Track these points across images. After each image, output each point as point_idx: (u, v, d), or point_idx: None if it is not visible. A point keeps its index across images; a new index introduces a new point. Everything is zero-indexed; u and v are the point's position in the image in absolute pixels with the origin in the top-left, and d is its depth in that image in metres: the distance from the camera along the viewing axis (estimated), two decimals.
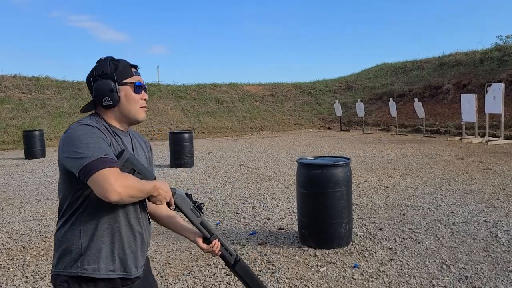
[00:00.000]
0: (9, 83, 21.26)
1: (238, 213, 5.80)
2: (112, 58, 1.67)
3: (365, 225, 5.06)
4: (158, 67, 42.66)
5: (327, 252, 4.17)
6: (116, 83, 1.62)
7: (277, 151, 13.25)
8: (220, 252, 1.85)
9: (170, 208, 1.69)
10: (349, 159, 4.44)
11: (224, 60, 77.92)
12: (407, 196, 6.47)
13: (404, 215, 5.43)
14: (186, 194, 1.74)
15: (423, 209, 5.65)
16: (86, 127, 1.53)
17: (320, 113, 24.88)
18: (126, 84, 1.64)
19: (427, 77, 22.75)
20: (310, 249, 4.28)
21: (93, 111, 1.69)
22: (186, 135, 10.45)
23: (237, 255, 1.91)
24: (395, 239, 4.53)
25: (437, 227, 4.86)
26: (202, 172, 9.38)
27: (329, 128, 22.41)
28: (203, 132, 21.52)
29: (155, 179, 1.61)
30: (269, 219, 5.47)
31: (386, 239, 4.53)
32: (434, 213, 5.46)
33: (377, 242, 4.44)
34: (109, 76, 1.61)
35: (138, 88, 1.68)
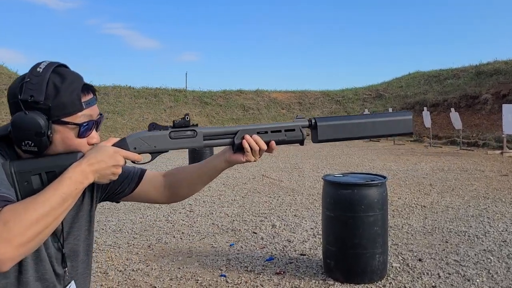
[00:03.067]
0: None
1: (256, 233, 5.17)
2: (56, 70, 1.03)
3: (401, 253, 4.34)
4: (186, 73, 42.83)
5: None
6: (50, 121, 1.01)
7: (303, 161, 12.57)
8: (271, 141, 1.20)
9: (138, 163, 1.14)
10: (385, 177, 3.76)
11: (251, 67, 77.86)
12: (448, 218, 5.70)
13: (447, 242, 4.68)
14: (151, 125, 1.15)
15: (469, 236, 4.88)
16: None
17: None
18: (66, 123, 1.03)
19: (463, 86, 21.64)
20: (336, 283, 3.61)
21: (4, 134, 1.06)
22: None
23: (309, 120, 1.24)
24: (438, 273, 3.80)
25: (489, 260, 4.10)
26: (221, 183, 8.80)
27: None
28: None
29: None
30: (289, 241, 4.81)
31: (427, 273, 3.81)
32: (482, 241, 4.68)
33: (417, 277, 3.73)
34: (41, 107, 0.99)
35: (85, 129, 1.06)
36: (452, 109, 16.38)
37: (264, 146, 1.18)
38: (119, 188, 1.26)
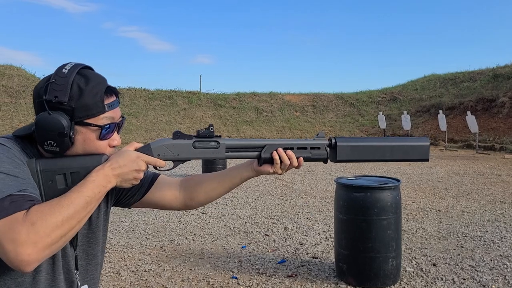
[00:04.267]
0: None
1: (268, 235, 5.16)
2: (80, 72, 1.04)
3: (415, 258, 4.28)
4: (200, 76, 43.06)
5: None
6: (73, 122, 1.01)
7: (316, 164, 12.51)
8: (300, 158, 1.22)
9: (160, 170, 1.14)
10: (398, 180, 3.71)
11: (264, 69, 77.86)
12: (464, 223, 5.61)
13: (462, 247, 4.60)
14: (175, 133, 1.16)
15: (484, 241, 4.80)
16: None
17: (363, 125, 23.85)
18: (89, 125, 1.04)
19: (479, 89, 21.31)
20: (348, 287, 3.57)
21: (28, 133, 1.07)
22: None
23: (329, 139, 1.26)
24: (453, 279, 3.74)
25: (505, 266, 4.02)
26: None
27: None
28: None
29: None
30: (302, 244, 4.79)
31: (441, 278, 3.75)
32: (499, 246, 4.60)
33: (431, 282, 3.67)
34: (64, 108, 1.00)
35: (107, 131, 1.07)
36: (468, 112, 16.15)
37: (296, 163, 1.21)
38: (130, 192, 1.26)
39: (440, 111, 17.79)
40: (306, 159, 1.23)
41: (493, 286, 3.58)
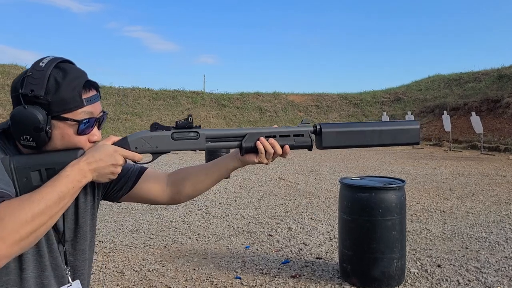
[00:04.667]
0: None
1: (271, 235, 5.15)
2: (58, 65, 1.01)
3: (419, 259, 4.26)
4: (204, 76, 43.09)
5: None
6: (49, 117, 0.99)
7: (319, 164, 12.49)
8: (285, 146, 1.18)
9: (139, 163, 1.12)
10: (403, 181, 3.69)
11: (268, 69, 77.83)
12: (469, 224, 5.58)
13: (467, 248, 4.58)
14: (153, 125, 1.13)
15: (489, 242, 4.77)
16: None
17: None
18: (66, 120, 1.01)
19: (484, 90, 21.23)
20: (352, 287, 3.56)
21: (5, 128, 1.06)
22: None
23: (314, 125, 1.21)
24: (458, 280, 3.72)
25: (510, 268, 3.99)
26: (237, 185, 8.79)
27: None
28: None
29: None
30: (305, 244, 4.77)
31: (446, 280, 3.73)
32: (504, 247, 4.57)
33: (436, 284, 3.65)
34: (41, 102, 0.98)
35: (86, 126, 1.04)
36: (473, 113, 16.09)
37: (280, 150, 1.17)
38: (117, 186, 1.24)
39: (445, 112, 17.72)
40: (290, 147, 1.18)
41: (499, 287, 3.55)
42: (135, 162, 1.12)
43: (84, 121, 1.03)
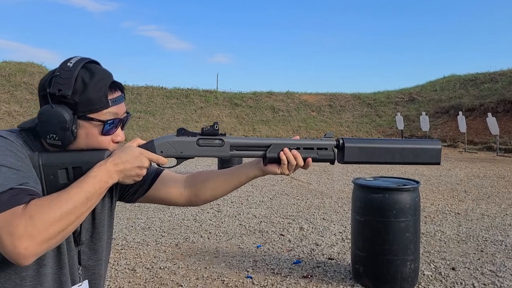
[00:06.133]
0: None
1: (283, 235, 5.12)
2: (85, 66, 1.02)
3: (433, 261, 4.20)
4: (217, 75, 43.19)
5: None
6: (76, 116, 1.00)
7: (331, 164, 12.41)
8: (308, 158, 1.18)
9: (163, 167, 1.13)
10: (418, 182, 3.64)
11: (281, 68, 77.68)
12: (484, 226, 5.48)
13: (482, 251, 4.50)
14: (179, 130, 1.13)
15: (505, 245, 4.68)
16: (1, 139, 0.96)
17: (380, 125, 23.61)
18: (91, 120, 1.02)
19: (500, 91, 20.89)
20: None
21: (32, 126, 1.06)
22: None
23: (337, 140, 1.22)
24: (473, 283, 3.65)
25: None
26: (249, 184, 8.78)
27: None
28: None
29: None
30: (317, 245, 4.74)
31: (461, 283, 3.66)
32: None
33: (450, 287, 3.59)
34: (68, 102, 0.99)
35: (110, 126, 1.05)
36: (489, 114, 15.84)
37: (302, 163, 1.17)
38: (133, 188, 1.24)
39: (460, 113, 17.49)
40: (313, 160, 1.19)
41: None
42: (159, 165, 1.12)
43: (109, 122, 1.04)
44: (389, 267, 3.46)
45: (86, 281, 1.14)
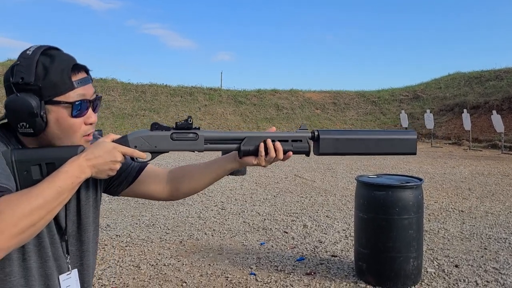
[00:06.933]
0: None
1: (287, 232, 5.14)
2: (45, 52, 1.03)
3: (436, 258, 4.21)
4: (221, 73, 43.23)
5: None
6: (42, 102, 1.00)
7: (336, 161, 12.42)
8: (287, 150, 1.19)
9: (136, 161, 1.13)
10: (421, 179, 3.65)
11: (285, 66, 77.58)
12: (488, 224, 5.48)
13: (485, 249, 4.50)
14: (153, 124, 1.13)
15: (509, 243, 4.68)
16: None
17: (384, 123, 23.56)
18: (59, 103, 1.02)
19: (506, 88, 20.79)
20: (368, 286, 3.53)
21: (4, 122, 1.08)
22: None
23: (312, 132, 1.22)
24: (476, 281, 3.66)
25: None
26: (253, 182, 8.80)
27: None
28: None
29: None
30: (321, 242, 4.75)
31: (464, 280, 3.67)
32: None
33: (453, 284, 3.60)
34: (31, 88, 0.99)
35: (80, 108, 1.05)
36: (494, 112, 15.78)
37: (281, 155, 1.18)
38: (117, 181, 1.26)
39: (465, 110, 17.42)
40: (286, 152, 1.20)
41: None
42: (134, 159, 1.13)
43: (76, 103, 1.04)
44: (392, 264, 3.47)
45: (76, 269, 1.16)
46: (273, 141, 1.18)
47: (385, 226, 3.46)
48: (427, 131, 19.64)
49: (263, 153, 1.16)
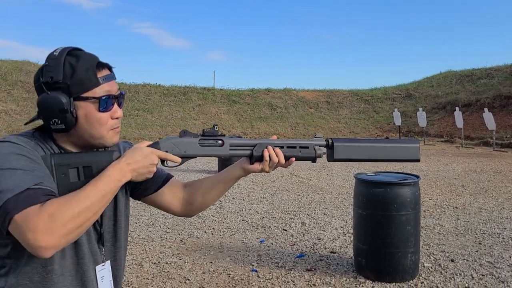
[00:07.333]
0: None
1: (286, 230, 5.22)
2: (71, 53, 1.10)
3: (433, 253, 4.31)
4: (214, 72, 43.20)
5: (388, 287, 3.50)
6: (71, 99, 1.08)
7: None
8: (292, 156, 1.29)
9: (166, 166, 1.21)
10: (418, 176, 3.74)
11: (279, 65, 77.68)
12: (482, 220, 5.60)
13: (480, 244, 4.61)
14: (182, 132, 1.23)
15: (503, 238, 4.80)
16: (11, 146, 1.03)
17: (378, 121, 23.73)
18: (86, 99, 1.10)
19: (497, 86, 21.05)
20: (367, 281, 3.62)
21: (40, 125, 1.15)
22: None
23: (326, 140, 1.33)
24: (471, 274, 3.76)
25: None
26: (250, 181, 8.87)
27: (387, 138, 21.25)
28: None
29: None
30: (319, 239, 4.84)
31: (460, 274, 3.78)
32: None
33: (450, 278, 3.70)
34: (60, 86, 1.07)
35: (106, 103, 1.13)
36: (486, 109, 15.98)
37: (283, 160, 1.26)
38: (143, 186, 1.32)
39: (457, 108, 17.62)
40: (296, 158, 1.29)
41: None
42: (164, 163, 1.21)
43: (103, 98, 1.11)
44: (391, 260, 3.56)
45: (108, 261, 1.23)
46: (281, 147, 1.27)
47: (384, 223, 3.55)
48: (419, 129, 19.83)
49: (267, 158, 1.25)
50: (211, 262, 4.15)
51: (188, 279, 3.75)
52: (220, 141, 1.24)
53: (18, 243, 1.03)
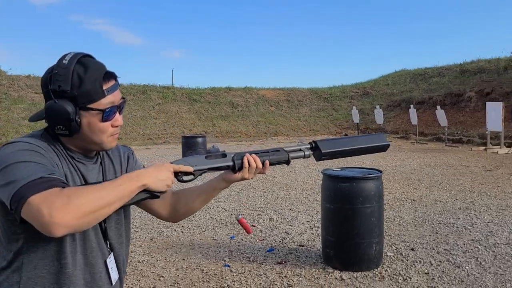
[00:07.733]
0: (22, 83, 21.19)
1: (254, 226, 5.36)
2: (80, 62, 1.15)
3: (394, 243, 4.57)
4: (172, 70, 42.63)
5: (355, 276, 3.70)
6: (77, 108, 1.14)
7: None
8: (266, 161, 1.39)
9: (181, 180, 1.28)
10: (380, 171, 3.97)
11: (239, 64, 77.79)
12: (437, 211, 5.96)
13: (437, 233, 4.93)
14: (189, 153, 1.33)
15: (457, 227, 5.14)
16: (25, 144, 1.10)
17: (337, 119, 24.34)
18: (91, 109, 1.16)
19: (448, 85, 22.07)
20: (335, 271, 3.81)
21: (47, 126, 1.21)
22: (200, 139, 10.04)
23: (310, 143, 1.49)
24: (430, 261, 4.04)
25: (477, 249, 4.35)
26: None
27: (346, 135, 21.84)
28: (216, 136, 21.14)
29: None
30: (288, 233, 5.01)
31: (420, 261, 4.04)
32: (470, 232, 4.94)
33: (411, 265, 3.96)
34: (68, 96, 1.13)
35: (109, 114, 1.20)
36: (438, 107, 16.76)
37: (260, 164, 1.37)
38: None
39: (411, 106, 18.36)
40: (270, 162, 1.40)
41: (467, 267, 3.89)
42: (179, 178, 1.27)
43: (107, 110, 1.18)
44: (357, 250, 3.77)
45: (112, 253, 1.30)
46: (251, 153, 1.39)
47: (350, 215, 3.76)
48: (377, 126, 20.51)
49: (247, 165, 1.35)
50: (183, 259, 4.22)
51: (162, 276, 3.81)
52: (223, 155, 1.36)
53: (31, 237, 1.10)
